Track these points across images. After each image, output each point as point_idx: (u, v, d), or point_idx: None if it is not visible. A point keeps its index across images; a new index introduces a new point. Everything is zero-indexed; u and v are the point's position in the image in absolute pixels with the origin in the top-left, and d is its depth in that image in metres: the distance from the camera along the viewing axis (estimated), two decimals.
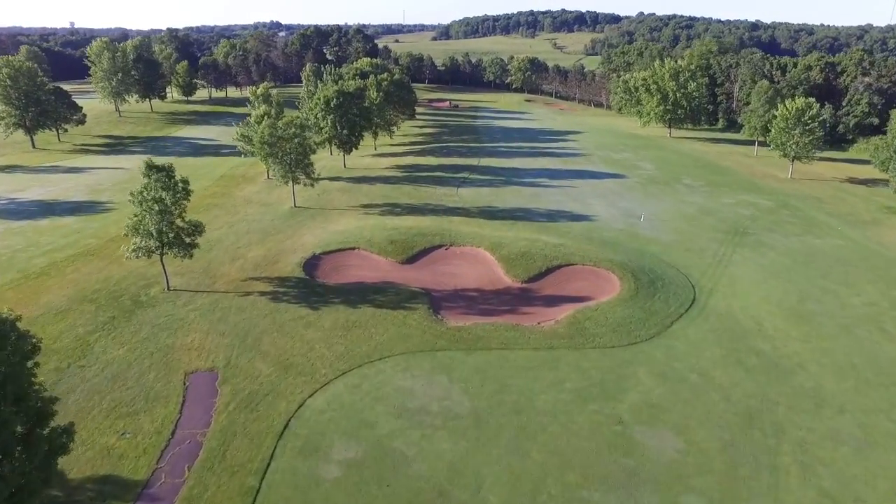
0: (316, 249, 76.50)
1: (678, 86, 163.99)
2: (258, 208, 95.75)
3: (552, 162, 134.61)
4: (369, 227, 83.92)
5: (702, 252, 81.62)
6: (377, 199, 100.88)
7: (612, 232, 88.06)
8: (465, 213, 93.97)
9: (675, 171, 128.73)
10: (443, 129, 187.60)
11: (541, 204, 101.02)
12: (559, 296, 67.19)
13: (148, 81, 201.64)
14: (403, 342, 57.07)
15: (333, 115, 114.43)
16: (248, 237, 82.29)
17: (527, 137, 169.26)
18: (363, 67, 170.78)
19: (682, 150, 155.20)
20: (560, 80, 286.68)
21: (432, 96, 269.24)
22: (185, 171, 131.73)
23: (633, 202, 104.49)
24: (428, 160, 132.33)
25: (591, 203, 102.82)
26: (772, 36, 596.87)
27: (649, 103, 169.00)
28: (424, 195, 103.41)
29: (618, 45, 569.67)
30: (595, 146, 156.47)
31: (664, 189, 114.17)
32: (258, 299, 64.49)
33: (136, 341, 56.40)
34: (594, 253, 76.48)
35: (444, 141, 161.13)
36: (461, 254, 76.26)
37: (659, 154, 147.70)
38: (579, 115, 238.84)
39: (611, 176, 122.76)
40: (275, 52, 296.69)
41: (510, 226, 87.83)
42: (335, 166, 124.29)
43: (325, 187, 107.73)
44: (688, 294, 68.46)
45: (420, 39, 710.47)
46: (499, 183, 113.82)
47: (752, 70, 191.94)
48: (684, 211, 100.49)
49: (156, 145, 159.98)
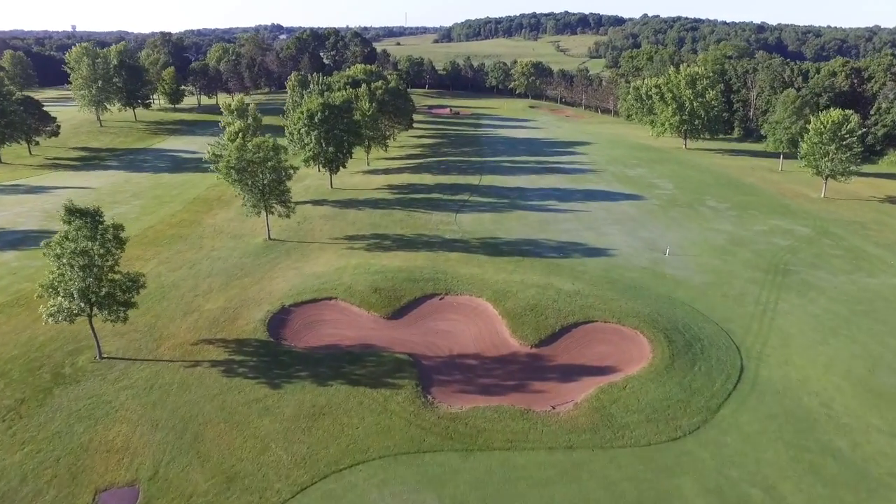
0: (286, 300, 63.94)
1: (695, 94, 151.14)
2: (227, 241, 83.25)
3: (561, 180, 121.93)
4: (351, 269, 71.31)
5: (741, 298, 68.89)
6: (364, 228, 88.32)
7: (635, 271, 75.36)
8: (465, 246, 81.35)
9: (696, 191, 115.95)
10: (442, 139, 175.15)
11: (550, 234, 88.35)
12: (577, 365, 54.57)
13: (131, 89, 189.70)
14: (383, 438, 44.51)
15: (318, 130, 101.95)
16: (210, 281, 69.76)
17: (532, 150, 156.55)
18: (355, 75, 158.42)
19: (700, 164, 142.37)
20: (565, 85, 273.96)
21: (432, 103, 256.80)
22: (158, 192, 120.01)
23: (655, 230, 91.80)
24: (424, 178, 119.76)
25: (607, 232, 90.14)
26: (778, 38, 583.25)
27: (663, 112, 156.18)
28: (418, 223, 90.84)
29: (622, 47, 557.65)
30: (606, 160, 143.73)
31: (687, 213, 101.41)
32: (208, 372, 51.99)
33: (42, 438, 43.94)
34: (616, 304, 63.75)
35: (442, 154, 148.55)
36: (458, 305, 63.62)
37: (676, 170, 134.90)
38: (586, 122, 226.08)
39: (627, 197, 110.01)
40: (270, 57, 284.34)
41: (516, 264, 75.16)
42: (320, 187, 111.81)
43: (307, 213, 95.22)
44: (733, 361, 55.77)
45: (421, 42, 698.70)
46: (503, 207, 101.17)
47: (772, 76, 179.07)
48: (713, 241, 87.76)
49: (133, 159, 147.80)
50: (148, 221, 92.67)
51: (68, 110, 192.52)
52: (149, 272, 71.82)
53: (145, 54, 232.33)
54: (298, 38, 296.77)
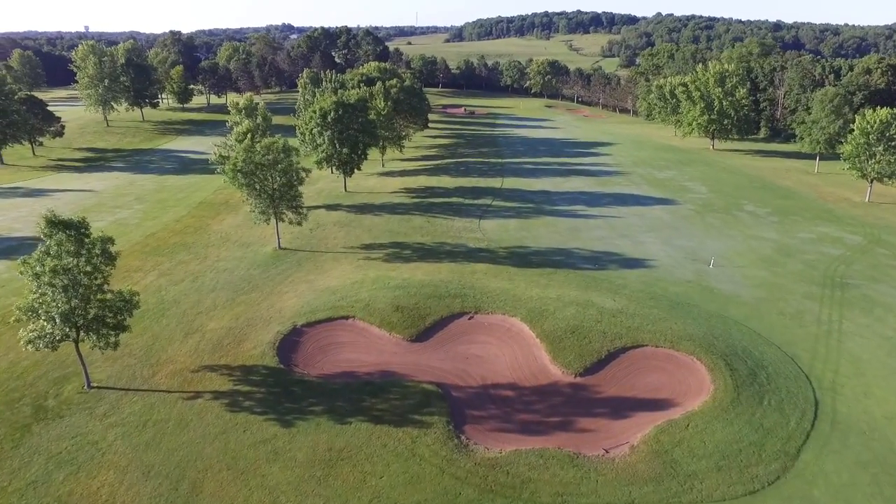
0: (297, 319, 57.31)
1: (724, 92, 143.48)
2: (234, 250, 76.77)
3: (587, 183, 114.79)
4: (369, 283, 64.60)
5: (800, 317, 61.66)
6: (381, 236, 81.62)
7: (679, 285, 68.24)
8: (491, 257, 74.48)
9: (732, 195, 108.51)
10: (458, 139, 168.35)
11: (583, 242, 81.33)
12: (629, 398, 47.63)
13: (139, 88, 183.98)
14: (412, 491, 37.83)
15: (331, 131, 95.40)
16: (214, 296, 63.25)
17: (553, 150, 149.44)
18: (370, 73, 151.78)
19: (731, 166, 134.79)
20: (582, 84, 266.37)
21: (446, 102, 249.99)
22: (163, 195, 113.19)
23: (694, 238, 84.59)
24: (443, 181, 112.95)
25: (643, 241, 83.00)
26: (795, 36, 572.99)
27: (691, 112, 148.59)
28: (439, 230, 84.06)
29: (636, 46, 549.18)
30: (632, 161, 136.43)
31: (726, 219, 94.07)
32: (209, 406, 45.46)
33: (14, 490, 37.57)
34: (666, 324, 56.69)
35: (460, 155, 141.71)
36: (489, 326, 56.78)
37: (707, 172, 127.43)
38: (605, 122, 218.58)
39: (659, 202, 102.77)
40: (280, 56, 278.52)
41: (549, 277, 68.20)
42: (334, 190, 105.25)
43: (320, 219, 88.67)
44: (805, 393, 48.66)
45: (433, 41, 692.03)
46: (528, 212, 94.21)
47: (801, 74, 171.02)
48: (759, 250, 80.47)
49: (139, 160, 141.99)
50: (150, 228, 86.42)
51: (75, 110, 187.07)
52: (148, 285, 65.53)
53: (154, 53, 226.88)
54: (310, 37, 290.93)
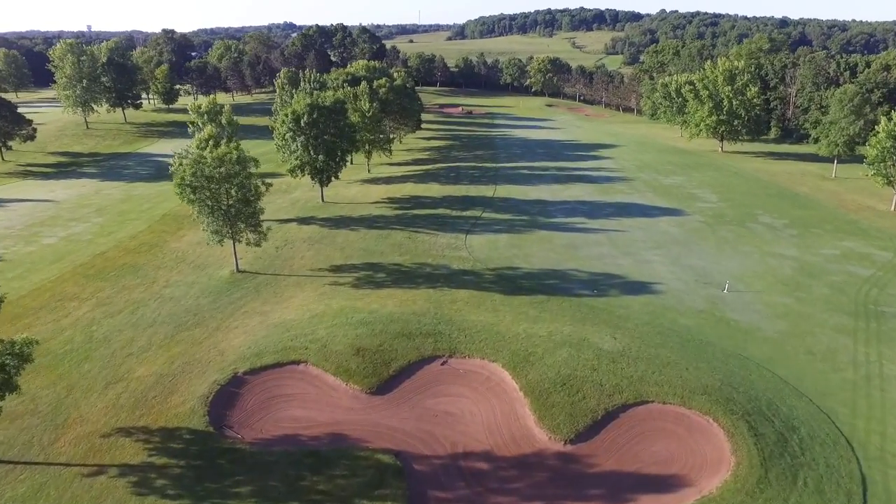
0: (240, 364, 48.29)
1: (734, 91, 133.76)
2: (187, 274, 67.80)
3: (587, 190, 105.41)
4: (331, 316, 55.52)
5: (832, 357, 52.38)
6: (355, 255, 72.49)
7: (690, 316, 58.98)
8: (476, 280, 65.31)
9: (745, 204, 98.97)
10: (453, 141, 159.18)
11: (581, 262, 72.04)
12: (631, 475, 38.47)
13: (121, 89, 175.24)
14: None
15: (305, 136, 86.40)
16: (152, 333, 54.33)
17: (552, 153, 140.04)
18: (357, 72, 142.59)
19: (742, 170, 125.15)
20: (584, 82, 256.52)
21: (444, 101, 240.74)
22: (127, 206, 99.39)
23: (705, 256, 75.24)
24: (431, 189, 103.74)
25: (648, 259, 73.68)
26: (802, 33, 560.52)
27: (698, 112, 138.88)
28: (421, 248, 74.90)
29: (639, 43, 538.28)
30: (636, 165, 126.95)
31: (739, 232, 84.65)
32: (113, 486, 36.55)
33: None
34: (675, 371, 47.43)
35: (453, 159, 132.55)
36: (465, 375, 47.62)
37: (717, 177, 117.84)
38: (608, 121, 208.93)
39: (665, 212, 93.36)
40: (274, 55, 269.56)
41: (541, 306, 59.01)
42: (311, 200, 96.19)
43: (290, 235, 79.68)
44: (848, 465, 39.43)
45: (435, 39, 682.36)
46: (521, 226, 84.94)
47: (815, 71, 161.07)
48: (778, 271, 71.08)
49: (114, 165, 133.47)
50: (102, 245, 77.57)
51: (58, 111, 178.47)
52: (79, 319, 56.69)
53: (139, 52, 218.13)
54: (304, 35, 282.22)
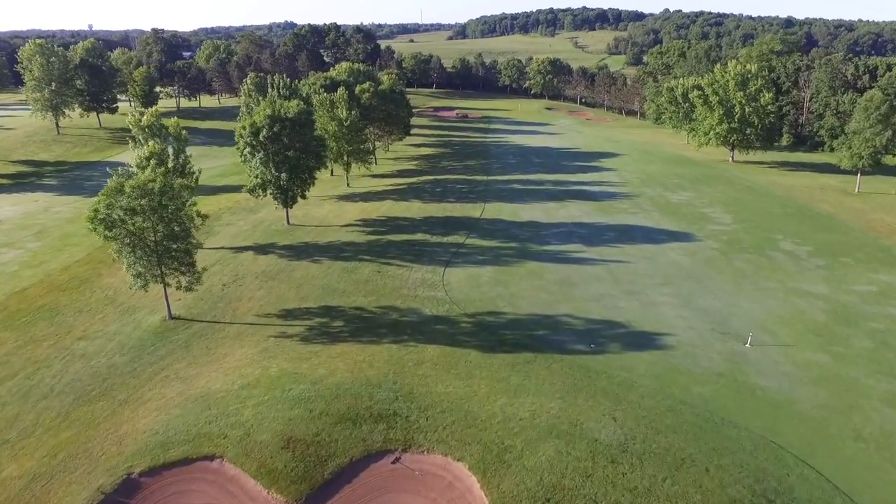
0: (137, 460, 37.52)
1: (747, 97, 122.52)
2: (112, 320, 57.09)
3: (586, 210, 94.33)
4: (264, 387, 44.71)
5: (889, 444, 41.43)
6: (312, 296, 61.66)
7: (707, 381, 48.07)
8: (450, 332, 54.42)
9: (762, 226, 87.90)
10: (445, 148, 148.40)
11: (576, 305, 61.06)
12: None
13: (95, 92, 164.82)
14: None
15: (264, 151, 75.67)
16: (44, 406, 43.65)
17: (549, 164, 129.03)
18: (338, 75, 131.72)
19: (756, 184, 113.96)
20: (586, 84, 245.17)
21: (438, 104, 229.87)
22: (72, 228, 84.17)
23: (721, 295, 64.26)
24: (411, 208, 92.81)
25: (655, 300, 62.71)
26: (808, 33, 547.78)
27: (707, 119, 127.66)
28: (390, 286, 64.04)
29: (643, 43, 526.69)
30: (640, 178, 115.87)
31: (759, 263, 73.64)
32: None
33: None
34: (691, 476, 36.50)
35: (441, 170, 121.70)
36: (422, 478, 36.74)
37: (729, 193, 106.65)
38: (610, 126, 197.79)
39: (674, 237, 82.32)
40: (265, 55, 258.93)
41: (525, 369, 48.20)
42: (276, 222, 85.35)
43: (242, 268, 68.87)
44: None
45: (435, 39, 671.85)
46: (509, 256, 73.95)
47: (831, 75, 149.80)
48: (808, 315, 60.13)
49: (78, 176, 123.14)
50: (25, 279, 66.88)
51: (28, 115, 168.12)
52: None
53: (119, 52, 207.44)
54: (296, 35, 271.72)
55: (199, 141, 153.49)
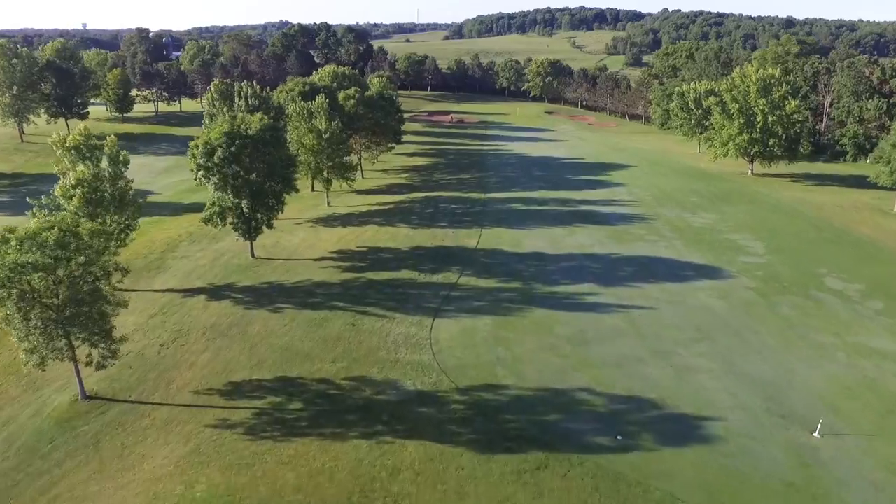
0: None
1: (770, 105, 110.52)
2: (8, 399, 44.91)
3: (597, 237, 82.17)
4: None
5: None
6: (268, 362, 49.42)
7: (773, 497, 36.10)
8: (437, 419, 42.34)
9: (800, 256, 75.93)
10: (438, 158, 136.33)
11: (594, 374, 48.91)
12: None
13: (63, 96, 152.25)
14: None
15: (219, 175, 63.52)
16: None
17: (552, 178, 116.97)
18: (320, 80, 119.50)
19: (783, 202, 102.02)
20: (587, 86, 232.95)
21: (433, 108, 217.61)
22: None
23: (770, 355, 52.28)
24: (397, 236, 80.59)
25: (690, 364, 50.65)
26: (809, 33, 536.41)
27: (727, 128, 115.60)
28: (365, 347, 51.90)
29: (641, 43, 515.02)
30: (654, 195, 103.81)
31: (806, 308, 61.69)
32: None
33: None
34: None
35: (433, 185, 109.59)
36: None
37: (755, 214, 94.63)
38: (614, 132, 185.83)
39: (702, 272, 70.23)
40: (252, 56, 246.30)
41: (535, 482, 36.23)
42: (239, 254, 73.04)
43: (188, 320, 56.64)
44: None
45: (432, 39, 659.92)
46: (511, 300, 61.76)
47: (855, 80, 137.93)
48: (881, 384, 48.22)
49: (35, 190, 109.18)
50: None
51: None
52: None
53: (93, 54, 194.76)
54: (285, 35, 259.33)
55: (173, 149, 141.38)
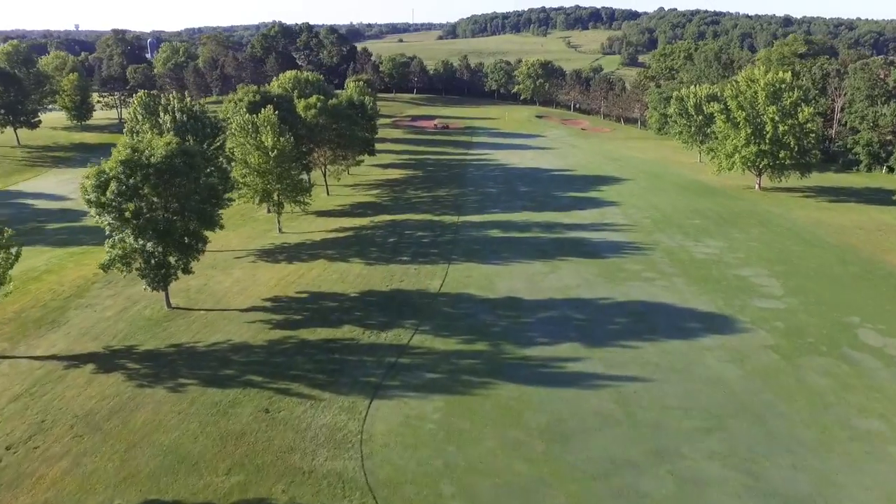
0: None
1: (782, 113, 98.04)
2: None
3: (585, 275, 69.38)
4: None
5: None
6: (138, 479, 36.66)
7: None
8: None
9: (825, 298, 63.32)
10: (416, 170, 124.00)
11: (568, 489, 36.26)
12: None
13: (11, 103, 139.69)
14: None
15: (115, 213, 50.92)
16: None
17: (538, 194, 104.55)
18: (279, 87, 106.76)
19: (797, 224, 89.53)
20: (580, 88, 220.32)
21: (418, 112, 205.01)
22: None
23: (802, 456, 39.73)
24: (349, 275, 67.83)
25: (699, 472, 37.91)
26: (807, 31, 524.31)
27: (732, 139, 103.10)
28: (275, 449, 39.24)
29: (637, 43, 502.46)
30: (651, 218, 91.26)
31: (841, 376, 49.15)
32: None
33: None
34: None
35: (403, 205, 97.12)
36: None
37: (768, 240, 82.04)
38: (609, 138, 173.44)
39: (710, 324, 57.51)
40: (228, 59, 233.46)
41: None
42: (153, 303, 60.30)
43: (58, 404, 43.92)
44: None
45: (425, 39, 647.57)
46: (472, 371, 49.02)
47: (870, 82, 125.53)
48: None
49: None
50: None
51: None
52: None
53: (52, 57, 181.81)
54: (265, 35, 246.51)
55: None
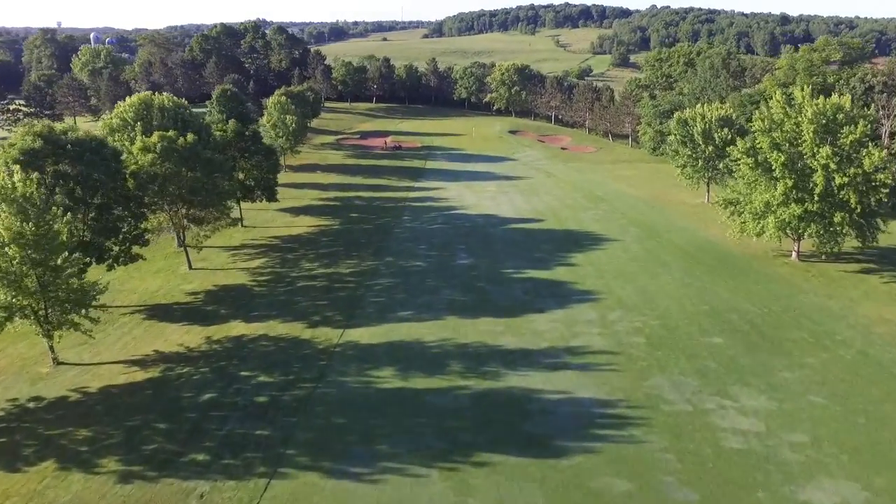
0: None
1: (840, 157, 64.25)
2: None
3: (524, 497, 35.77)
4: None
5: None
6: None
7: None
8: None
9: None
10: (333, 220, 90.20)
11: None
12: None
13: None
14: None
15: None
16: None
17: (482, 271, 70.62)
18: (116, 119, 73.05)
19: (872, 342, 55.61)
20: (563, 97, 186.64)
21: (370, 127, 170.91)
22: None
23: None
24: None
25: None
26: (806, 30, 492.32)
27: (764, 192, 68.94)
28: None
29: (629, 42, 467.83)
30: (648, 334, 57.03)
31: None
32: None
33: None
34: None
35: (276, 300, 63.36)
36: None
37: (834, 382, 47.97)
38: (594, 160, 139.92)
39: None
40: (172, 61, 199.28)
41: None
42: None
43: None
44: None
45: (410, 38, 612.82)
46: None
47: None
48: None
49: None
50: None
51: None
52: None
53: None
54: (205, 37, 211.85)
55: None
